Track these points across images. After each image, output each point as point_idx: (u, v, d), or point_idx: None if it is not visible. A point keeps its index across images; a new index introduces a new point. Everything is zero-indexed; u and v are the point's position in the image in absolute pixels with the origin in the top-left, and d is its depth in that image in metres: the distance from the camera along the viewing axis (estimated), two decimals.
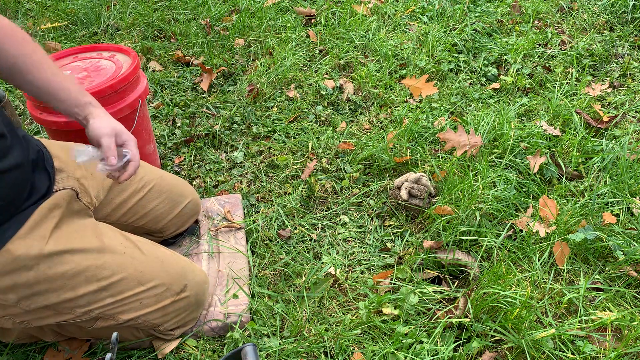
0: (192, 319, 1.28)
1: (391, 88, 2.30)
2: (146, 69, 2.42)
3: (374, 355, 1.25)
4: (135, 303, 1.15)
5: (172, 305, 1.20)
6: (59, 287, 1.05)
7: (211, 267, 1.46)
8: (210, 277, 1.43)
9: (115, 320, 1.15)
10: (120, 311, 1.14)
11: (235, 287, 1.40)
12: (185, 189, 1.47)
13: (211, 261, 1.48)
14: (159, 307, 1.18)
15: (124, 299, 1.13)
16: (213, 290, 1.39)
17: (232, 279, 1.42)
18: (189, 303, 1.24)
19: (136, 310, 1.15)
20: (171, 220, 1.42)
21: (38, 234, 1.02)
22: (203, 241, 1.54)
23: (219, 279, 1.42)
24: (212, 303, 1.35)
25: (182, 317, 1.25)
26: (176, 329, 1.26)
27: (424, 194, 1.65)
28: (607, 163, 1.78)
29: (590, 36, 2.55)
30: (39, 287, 1.03)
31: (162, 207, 1.40)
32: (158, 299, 1.18)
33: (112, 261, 1.12)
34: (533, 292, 1.39)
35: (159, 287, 1.17)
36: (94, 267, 1.08)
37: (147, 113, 1.68)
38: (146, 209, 1.36)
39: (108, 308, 1.12)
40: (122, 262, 1.13)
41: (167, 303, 1.19)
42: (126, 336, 1.25)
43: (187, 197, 1.47)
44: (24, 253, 1.00)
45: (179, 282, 1.21)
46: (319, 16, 2.77)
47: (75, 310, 1.09)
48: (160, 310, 1.19)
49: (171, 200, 1.42)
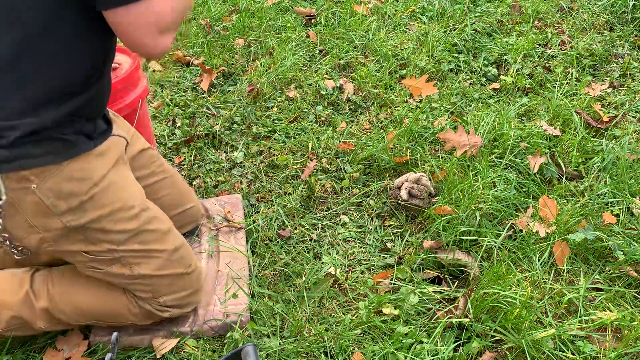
0: (188, 302, 1.28)
1: (391, 88, 2.30)
2: (146, 69, 2.42)
3: (374, 355, 1.25)
4: (154, 259, 1.18)
5: (181, 277, 1.23)
6: (105, 214, 1.10)
7: (211, 267, 1.46)
8: (210, 277, 1.43)
9: (130, 269, 1.16)
10: (139, 262, 1.16)
11: (235, 286, 1.40)
12: (191, 194, 1.51)
13: (211, 261, 1.48)
14: (172, 273, 1.21)
15: (149, 250, 1.17)
16: (212, 289, 1.39)
17: (231, 278, 1.42)
18: (192, 282, 1.26)
19: (152, 267, 1.18)
20: (172, 217, 1.42)
21: (107, 158, 1.11)
22: (203, 241, 1.54)
23: (219, 279, 1.42)
24: (212, 302, 1.35)
25: (182, 296, 1.25)
26: (172, 307, 1.25)
27: (424, 194, 1.65)
28: (607, 163, 1.78)
29: (590, 36, 2.55)
30: (88, 205, 1.07)
31: (169, 201, 1.42)
32: (174, 265, 1.21)
33: (151, 212, 1.19)
34: (533, 292, 1.39)
35: (178, 251, 1.22)
36: (138, 211, 1.15)
37: (147, 113, 1.68)
38: (156, 195, 1.38)
39: (132, 254, 1.15)
40: (158, 217, 1.21)
41: (178, 272, 1.22)
42: (120, 310, 1.23)
43: (191, 202, 1.49)
44: (95, 167, 1.07)
45: (190, 258, 1.26)
46: (319, 16, 2.77)
47: (103, 244, 1.12)
48: (171, 277, 1.21)
49: (178, 197, 1.45)
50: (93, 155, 1.08)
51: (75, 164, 1.05)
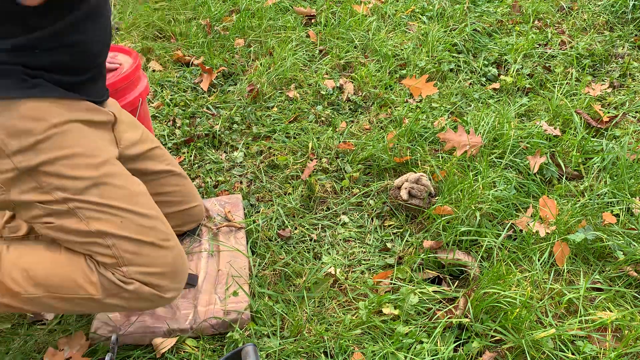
0: (160, 284, 1.11)
1: (391, 88, 2.30)
2: (146, 69, 2.42)
3: (374, 355, 1.26)
4: (116, 217, 1.06)
5: (151, 247, 1.10)
6: (61, 156, 1.02)
7: (211, 267, 1.46)
8: (210, 276, 1.43)
9: (86, 224, 1.05)
10: (97, 217, 1.05)
11: (235, 285, 1.40)
12: (197, 194, 1.49)
13: (211, 260, 1.48)
14: (138, 238, 1.08)
15: (109, 206, 1.06)
16: (213, 288, 1.39)
17: (232, 277, 1.42)
18: (166, 260, 1.12)
19: (113, 225, 1.06)
20: (175, 213, 1.41)
21: (79, 112, 1.06)
22: (203, 240, 1.54)
23: (219, 278, 1.42)
24: (212, 301, 1.35)
25: (152, 272, 1.10)
26: (139, 281, 1.09)
27: (424, 194, 1.65)
28: (607, 163, 1.78)
29: (590, 36, 2.55)
30: (44, 145, 1.00)
31: (174, 196, 1.40)
32: (140, 230, 1.09)
33: (119, 169, 1.11)
34: (533, 292, 1.39)
35: (149, 219, 1.11)
36: (102, 161, 1.07)
37: (147, 112, 1.68)
38: (162, 189, 1.36)
39: (88, 206, 1.05)
40: (127, 178, 1.12)
41: (147, 240, 1.09)
42: (76, 275, 1.09)
43: (196, 201, 1.48)
44: (59, 112, 1.02)
45: (167, 233, 1.14)
46: (319, 16, 2.77)
47: (57, 192, 1.03)
48: (137, 244, 1.08)
49: (184, 194, 1.43)
50: (60, 104, 1.02)
51: (35, 103, 0.99)
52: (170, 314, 1.33)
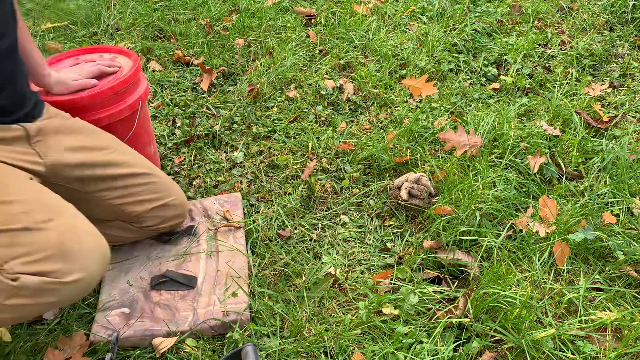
0: (50, 270, 0.99)
1: (391, 88, 2.30)
2: (146, 69, 2.42)
3: (374, 355, 1.26)
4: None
5: (26, 233, 1.00)
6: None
7: (210, 267, 1.46)
8: (209, 276, 1.43)
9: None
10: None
11: (235, 286, 1.40)
12: (174, 189, 1.46)
13: (210, 261, 1.48)
14: (7, 228, 1.00)
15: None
16: (212, 289, 1.39)
17: (231, 277, 1.42)
18: (49, 243, 1.00)
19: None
20: (152, 210, 1.40)
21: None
22: (202, 240, 1.54)
23: (218, 279, 1.42)
24: (212, 302, 1.35)
25: (35, 260, 0.99)
26: (27, 275, 0.98)
27: (424, 194, 1.65)
28: (607, 163, 1.78)
29: (590, 36, 2.55)
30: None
31: (144, 195, 1.38)
32: (8, 220, 1.01)
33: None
34: (533, 292, 1.39)
35: (15, 204, 1.03)
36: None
37: (147, 114, 1.68)
38: (127, 191, 1.36)
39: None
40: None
41: (18, 227, 1.00)
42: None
43: (173, 196, 1.45)
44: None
45: (45, 212, 1.04)
46: (319, 16, 2.77)
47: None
48: (8, 234, 1.00)
49: (155, 191, 1.40)
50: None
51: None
52: (169, 316, 1.33)
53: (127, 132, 1.55)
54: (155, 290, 1.40)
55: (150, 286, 1.41)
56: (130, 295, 1.38)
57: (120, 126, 1.53)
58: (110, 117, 1.48)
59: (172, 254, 1.51)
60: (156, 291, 1.40)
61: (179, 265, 1.47)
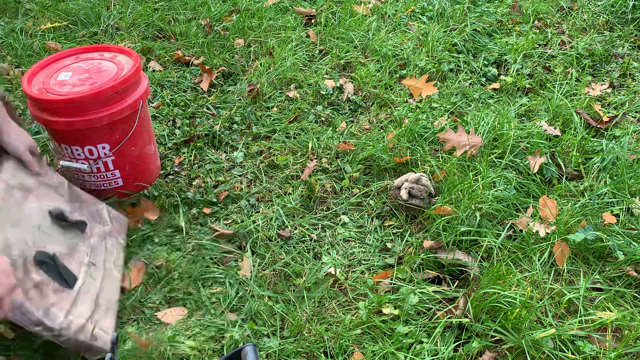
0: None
1: (391, 88, 2.30)
2: (146, 69, 2.42)
3: (374, 355, 1.26)
4: None
5: None
6: None
7: (89, 276, 1.36)
8: (88, 286, 1.33)
9: None
10: None
11: (107, 312, 1.32)
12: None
13: (92, 269, 1.38)
14: None
15: None
16: (90, 302, 1.29)
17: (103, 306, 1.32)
18: None
19: None
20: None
21: None
22: (91, 242, 1.44)
23: (96, 294, 1.33)
24: (85, 315, 1.25)
25: None
26: None
27: (424, 194, 1.65)
28: (607, 163, 1.78)
29: (590, 36, 2.55)
30: None
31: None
32: None
33: None
34: (533, 292, 1.39)
35: None
36: None
37: (147, 114, 1.68)
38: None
39: None
40: None
41: None
42: None
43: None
44: None
45: None
46: (319, 16, 2.77)
47: None
48: None
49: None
50: None
51: None
52: (42, 304, 1.20)
53: (127, 131, 1.55)
54: (35, 266, 1.25)
55: (33, 259, 1.25)
56: (12, 253, 1.21)
57: (120, 125, 1.53)
58: (110, 116, 1.48)
59: (60, 238, 1.37)
60: (36, 268, 1.24)
61: (62, 256, 1.33)
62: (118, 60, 1.60)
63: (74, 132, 1.49)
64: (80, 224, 1.44)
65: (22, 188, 1.36)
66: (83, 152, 1.54)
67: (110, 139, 1.54)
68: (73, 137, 1.52)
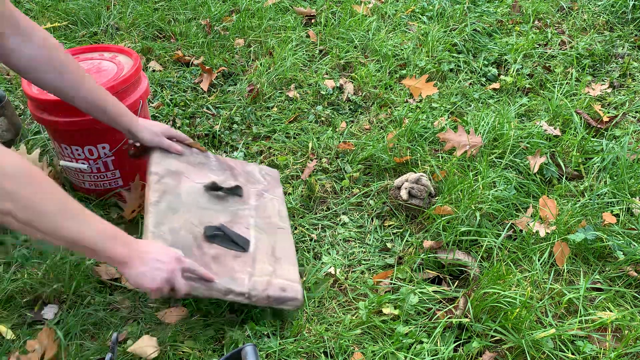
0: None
1: (391, 88, 2.30)
2: (146, 69, 2.42)
3: (374, 355, 1.26)
4: None
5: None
6: None
7: (260, 235, 1.39)
8: (262, 244, 1.38)
9: None
10: None
11: (288, 264, 1.36)
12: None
13: (259, 230, 1.41)
14: None
15: None
16: (266, 259, 1.34)
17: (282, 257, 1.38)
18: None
19: None
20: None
21: None
22: (251, 204, 1.49)
23: (270, 250, 1.38)
24: (267, 272, 1.30)
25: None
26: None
27: (424, 194, 1.65)
28: (607, 163, 1.78)
29: (590, 36, 2.55)
30: None
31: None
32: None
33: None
34: (533, 292, 1.39)
35: None
36: None
37: (148, 114, 1.68)
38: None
39: None
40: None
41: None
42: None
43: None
44: None
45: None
46: (319, 16, 2.77)
47: None
48: None
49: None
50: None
51: None
52: (226, 273, 1.24)
53: None
54: (207, 241, 1.29)
55: (203, 236, 1.30)
56: (182, 238, 1.25)
57: None
58: None
59: (220, 208, 1.40)
60: (209, 243, 1.29)
61: (229, 224, 1.37)
62: (118, 60, 1.60)
63: (74, 132, 1.49)
64: (237, 189, 1.48)
65: (172, 174, 1.40)
66: (83, 152, 1.54)
67: (110, 139, 1.54)
68: (73, 137, 1.52)
